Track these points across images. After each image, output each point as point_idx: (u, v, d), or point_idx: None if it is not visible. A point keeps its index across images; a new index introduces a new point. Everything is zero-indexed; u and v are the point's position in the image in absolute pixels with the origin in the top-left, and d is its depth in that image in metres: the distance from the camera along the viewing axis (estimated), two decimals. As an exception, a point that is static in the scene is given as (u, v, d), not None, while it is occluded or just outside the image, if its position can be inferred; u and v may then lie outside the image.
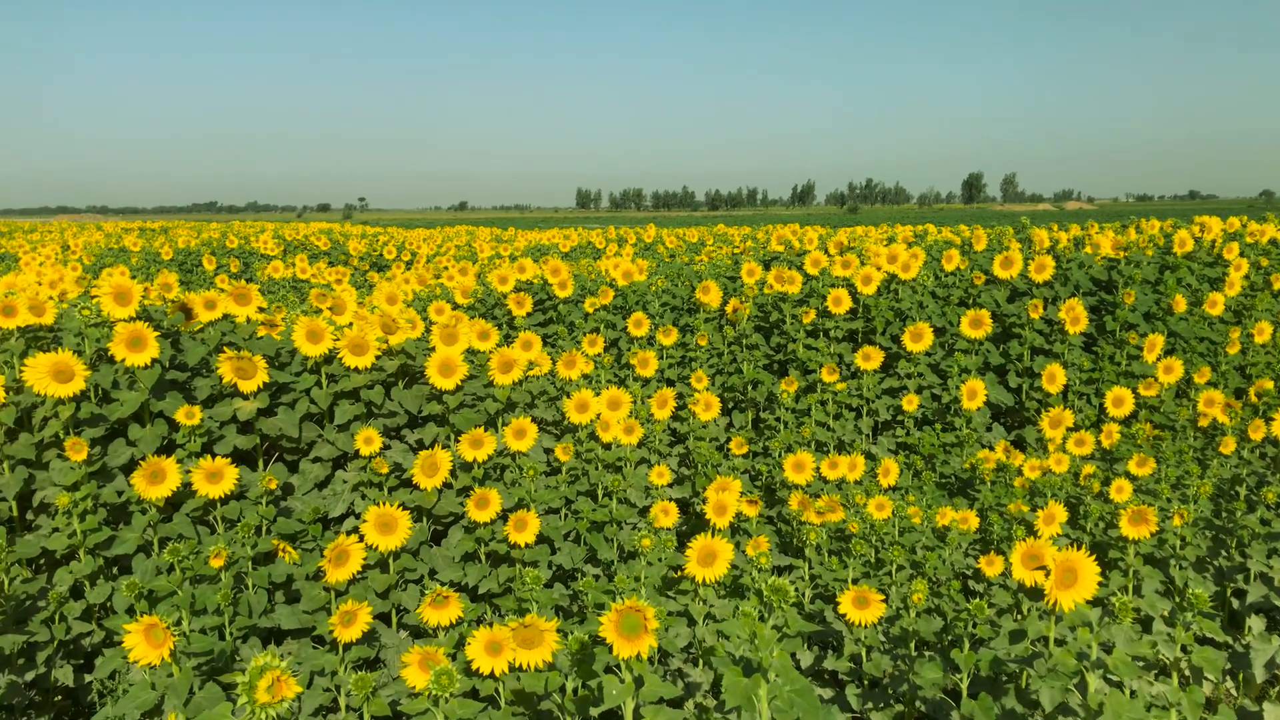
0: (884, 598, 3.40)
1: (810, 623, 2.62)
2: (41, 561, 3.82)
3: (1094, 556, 2.87)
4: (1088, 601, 2.85)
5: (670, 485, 4.88)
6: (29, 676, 3.46)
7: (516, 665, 2.69)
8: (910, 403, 5.75)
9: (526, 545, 3.83)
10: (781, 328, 6.66)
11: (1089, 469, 4.68)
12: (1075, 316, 6.12)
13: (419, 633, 3.75)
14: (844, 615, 3.42)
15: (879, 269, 6.61)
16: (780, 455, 5.08)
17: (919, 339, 5.93)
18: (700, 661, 3.65)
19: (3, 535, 3.50)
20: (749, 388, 6.27)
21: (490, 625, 2.76)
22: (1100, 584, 2.88)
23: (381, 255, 16.50)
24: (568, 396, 4.67)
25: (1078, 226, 8.94)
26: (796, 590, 3.94)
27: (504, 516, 3.88)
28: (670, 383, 6.36)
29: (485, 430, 4.11)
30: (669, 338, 6.34)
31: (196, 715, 2.70)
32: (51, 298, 4.15)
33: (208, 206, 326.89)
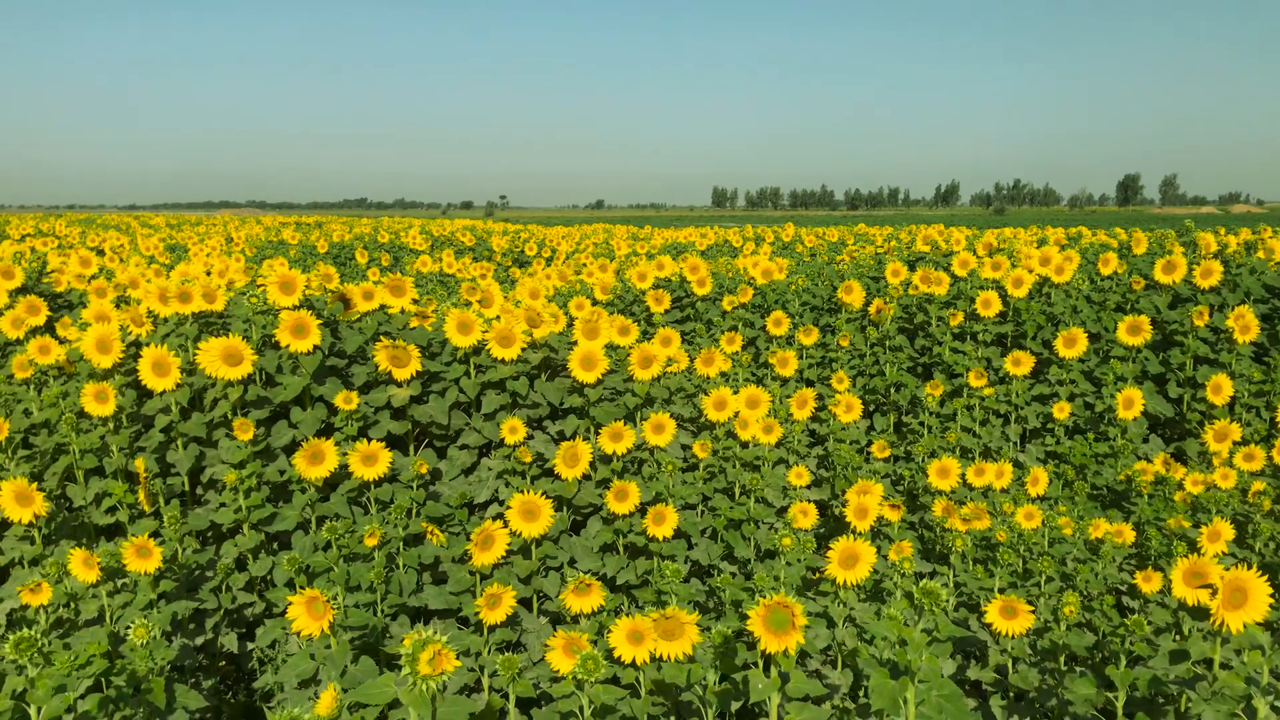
0: (1032, 609, 3.29)
1: (957, 628, 2.56)
2: (209, 534, 4.07)
3: (1264, 577, 2.71)
4: (1258, 624, 2.69)
5: (809, 487, 4.83)
6: (198, 641, 3.69)
7: (657, 655, 2.71)
8: (1061, 410, 5.54)
9: (664, 539, 3.86)
10: (926, 330, 6.50)
11: (1259, 485, 4.41)
12: (1245, 325, 5.77)
13: (558, 619, 3.82)
14: (990, 625, 3.32)
15: (1030, 271, 6.38)
16: (924, 460, 4.97)
17: (1072, 344, 5.70)
18: (839, 663, 3.60)
19: (176, 508, 3.74)
20: (891, 390, 6.15)
21: (631, 616, 2.79)
22: (1272, 606, 2.72)
23: (523, 251, 16.86)
24: (705, 394, 4.67)
25: (1248, 230, 8.42)
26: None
27: (642, 510, 3.91)
28: (809, 383, 6.29)
29: (624, 424, 4.16)
30: (809, 337, 6.27)
31: (352, 686, 2.81)
32: (220, 286, 4.39)
33: (358, 203, 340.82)
